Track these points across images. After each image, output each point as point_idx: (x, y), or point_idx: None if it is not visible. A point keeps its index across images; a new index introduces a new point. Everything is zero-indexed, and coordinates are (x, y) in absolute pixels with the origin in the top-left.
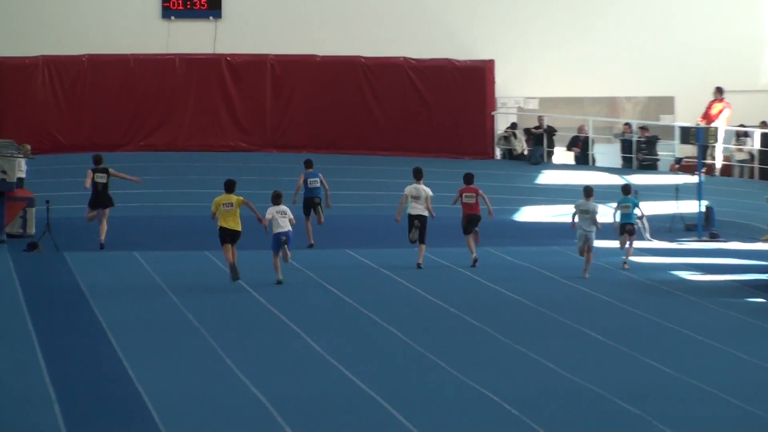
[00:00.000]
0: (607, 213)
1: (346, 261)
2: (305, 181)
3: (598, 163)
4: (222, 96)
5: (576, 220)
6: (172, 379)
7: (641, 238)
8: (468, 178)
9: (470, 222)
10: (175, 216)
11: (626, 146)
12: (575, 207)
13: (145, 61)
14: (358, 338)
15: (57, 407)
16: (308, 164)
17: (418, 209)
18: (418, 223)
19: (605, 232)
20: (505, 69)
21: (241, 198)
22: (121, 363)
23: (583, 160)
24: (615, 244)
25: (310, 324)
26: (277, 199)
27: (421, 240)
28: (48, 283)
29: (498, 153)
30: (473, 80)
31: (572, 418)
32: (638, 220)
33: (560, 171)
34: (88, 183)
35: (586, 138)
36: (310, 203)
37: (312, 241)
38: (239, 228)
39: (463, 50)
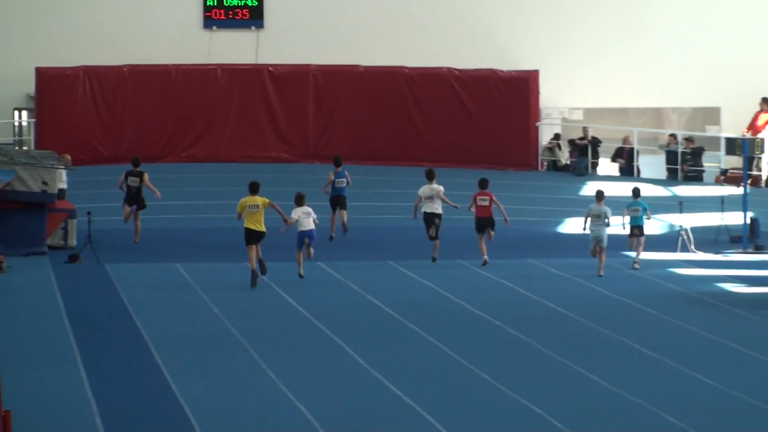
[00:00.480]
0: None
1: (388, 273)
2: (333, 180)
3: (643, 175)
4: (264, 106)
5: (588, 223)
6: (214, 393)
7: (685, 249)
8: (483, 183)
9: (483, 224)
10: (217, 228)
11: (671, 157)
12: (588, 210)
13: (187, 72)
14: (401, 351)
15: (98, 420)
16: (337, 163)
17: (433, 208)
18: (437, 221)
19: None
20: (550, 79)
21: (267, 200)
22: (162, 376)
23: (628, 172)
24: (658, 256)
25: (353, 336)
26: (300, 200)
27: (436, 236)
28: (89, 295)
29: (542, 164)
30: (517, 91)
31: None
32: (647, 220)
33: (605, 182)
34: (122, 184)
35: (631, 149)
36: (336, 201)
37: (333, 234)
38: (264, 229)
39: (508, 60)
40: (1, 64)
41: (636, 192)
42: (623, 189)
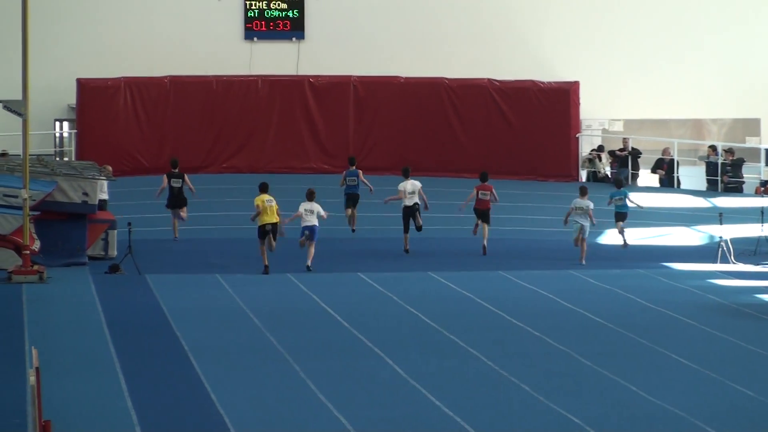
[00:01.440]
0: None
1: (428, 283)
2: (345, 178)
3: (683, 186)
4: (305, 118)
5: (571, 216)
6: (255, 405)
7: (725, 260)
8: (483, 177)
9: (482, 215)
10: (257, 239)
11: (711, 169)
12: (572, 204)
13: (228, 83)
14: (440, 360)
15: (138, 430)
16: (351, 162)
17: (413, 201)
18: (411, 213)
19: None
20: (590, 91)
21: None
22: (202, 386)
23: (668, 183)
24: (698, 267)
25: (392, 346)
26: (309, 196)
27: (417, 227)
28: (130, 305)
29: (582, 175)
30: (558, 102)
31: None
32: (631, 205)
33: (645, 193)
34: (164, 187)
35: (671, 160)
36: (349, 198)
37: (354, 227)
38: (278, 219)
39: (548, 72)
40: (43, 76)
41: (618, 182)
42: (663, 200)
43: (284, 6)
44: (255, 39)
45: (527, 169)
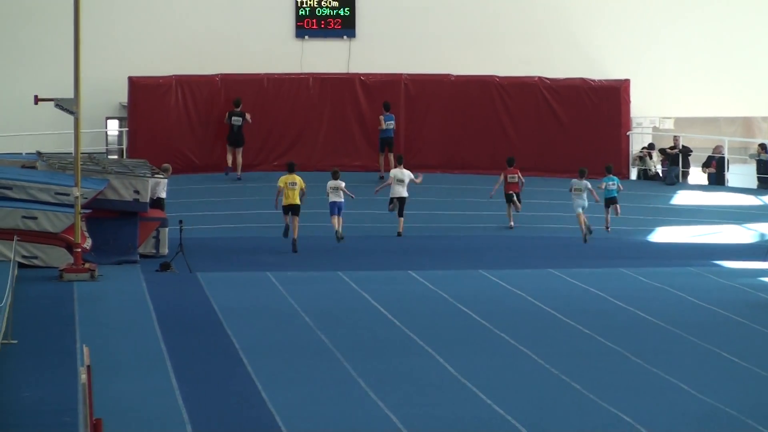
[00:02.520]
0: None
1: (479, 282)
2: (383, 123)
3: (733, 184)
4: (356, 115)
5: (572, 196)
6: (306, 403)
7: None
8: (510, 161)
9: (511, 197)
10: (308, 236)
11: (762, 167)
12: (571, 185)
13: (279, 81)
14: (492, 359)
15: (189, 428)
16: (386, 107)
17: (401, 192)
18: (397, 202)
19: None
20: (641, 89)
21: (302, 180)
22: (254, 385)
23: (718, 181)
24: (747, 265)
25: (444, 345)
26: (334, 175)
27: (400, 213)
28: (181, 304)
29: (633, 173)
30: (608, 100)
31: None
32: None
33: (695, 192)
34: (226, 120)
35: (722, 158)
36: (386, 141)
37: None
38: (299, 202)
39: (598, 70)
40: (94, 73)
41: (608, 168)
42: (713, 198)
43: (335, 4)
44: (306, 37)
45: (577, 167)
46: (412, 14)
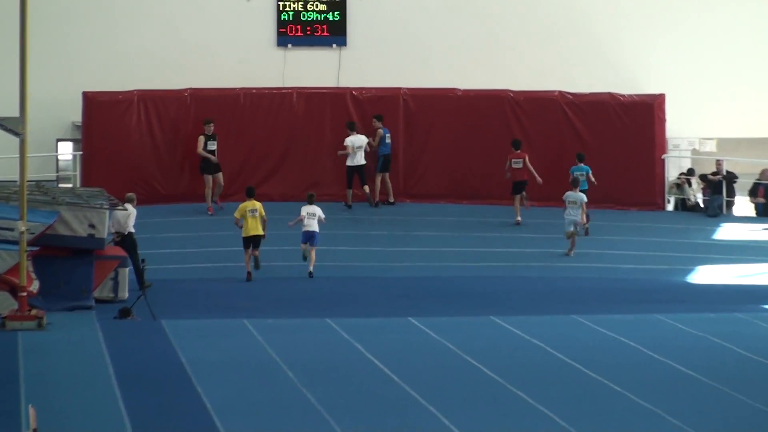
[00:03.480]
0: None
1: (491, 330)
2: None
3: None
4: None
5: (566, 210)
6: None
7: None
8: (516, 144)
9: (517, 187)
10: (289, 277)
11: None
12: (565, 197)
13: (258, 96)
14: (505, 421)
15: None
16: (380, 119)
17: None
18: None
19: None
20: (678, 105)
21: (261, 205)
22: None
23: (764, 211)
24: None
25: (450, 403)
26: (310, 199)
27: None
28: (143, 356)
29: (669, 203)
30: (640, 118)
31: None
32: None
33: (741, 224)
34: (200, 148)
35: None
36: (387, 160)
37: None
38: (262, 232)
39: (629, 83)
40: (43, 88)
41: (580, 156)
42: (762, 233)
43: (323, 7)
44: (289, 46)
45: (604, 196)
46: (412, 19)
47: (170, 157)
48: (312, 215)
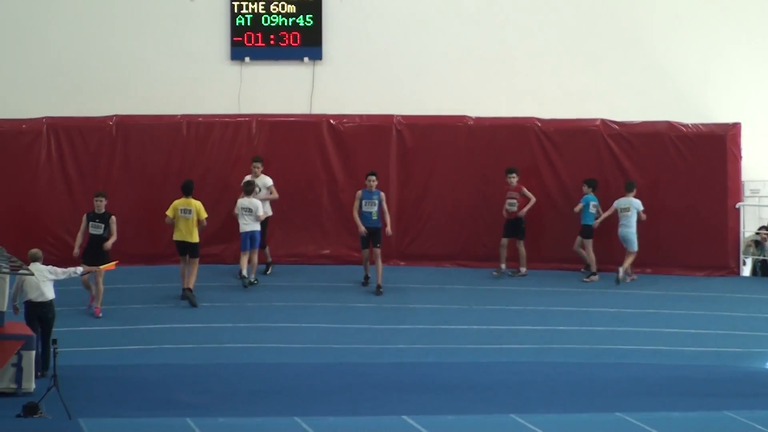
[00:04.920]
0: None
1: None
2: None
3: None
4: (323, 177)
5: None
6: None
7: None
8: (509, 170)
9: (511, 229)
10: (250, 363)
11: None
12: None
13: (207, 126)
14: None
15: None
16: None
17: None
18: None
19: None
20: (757, 138)
21: (200, 205)
22: None
23: None
24: None
25: None
26: (248, 187)
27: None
28: None
29: (745, 266)
30: (708, 154)
31: None
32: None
33: None
34: (80, 233)
35: None
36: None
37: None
38: (195, 240)
39: (693, 109)
40: None
41: (591, 184)
42: None
43: (291, 9)
44: (246, 59)
45: (659, 257)
46: (409, 26)
47: (88, 204)
48: (248, 211)
